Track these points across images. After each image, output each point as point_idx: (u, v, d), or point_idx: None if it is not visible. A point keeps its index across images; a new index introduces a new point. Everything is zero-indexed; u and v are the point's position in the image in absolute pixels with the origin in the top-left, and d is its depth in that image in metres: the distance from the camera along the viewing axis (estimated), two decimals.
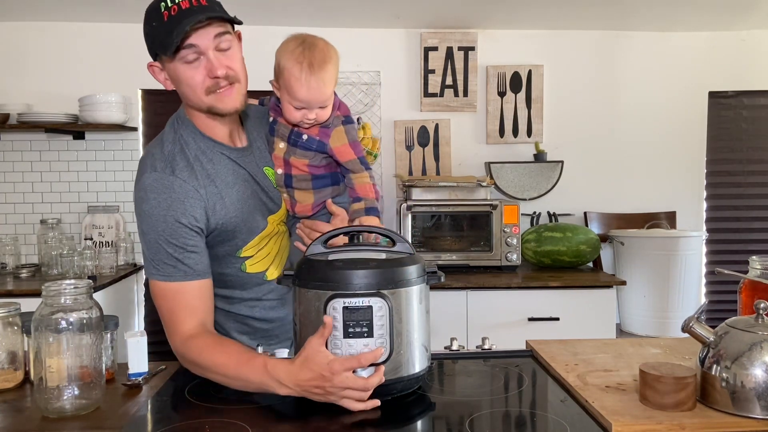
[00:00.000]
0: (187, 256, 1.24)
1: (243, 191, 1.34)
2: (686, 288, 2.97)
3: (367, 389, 1.05)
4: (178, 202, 1.23)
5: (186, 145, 1.30)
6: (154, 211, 1.23)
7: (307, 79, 1.29)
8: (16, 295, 2.54)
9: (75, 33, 3.27)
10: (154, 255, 1.24)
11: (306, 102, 1.31)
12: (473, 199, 2.98)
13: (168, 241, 1.23)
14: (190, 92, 1.26)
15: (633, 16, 3.23)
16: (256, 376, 1.12)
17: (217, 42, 1.23)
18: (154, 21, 1.20)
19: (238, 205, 1.32)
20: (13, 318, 1.23)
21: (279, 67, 1.34)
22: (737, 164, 3.56)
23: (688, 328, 1.06)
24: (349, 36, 3.36)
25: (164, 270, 1.24)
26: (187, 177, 1.26)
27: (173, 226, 1.23)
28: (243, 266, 1.38)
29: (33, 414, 1.09)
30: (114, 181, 3.28)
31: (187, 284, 1.25)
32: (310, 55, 1.30)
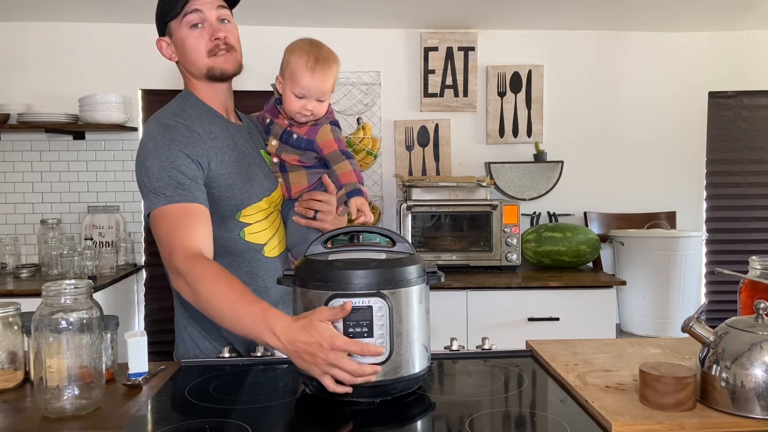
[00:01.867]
0: (189, 183, 1.30)
1: (241, 158, 1.43)
2: (686, 288, 2.97)
3: (357, 374, 1.04)
4: (182, 137, 1.33)
5: (191, 108, 1.42)
6: (158, 145, 1.31)
7: (312, 67, 1.41)
8: (16, 295, 2.54)
9: (75, 33, 3.27)
10: (155, 184, 1.29)
11: (307, 89, 1.42)
12: (473, 199, 2.98)
13: (171, 167, 1.29)
14: (193, 54, 1.39)
15: (633, 16, 3.23)
16: (251, 318, 1.12)
17: (219, 13, 1.40)
18: None
19: (237, 166, 1.40)
20: (13, 318, 1.23)
21: (286, 60, 1.45)
22: (737, 164, 3.56)
23: (688, 328, 1.06)
24: (349, 36, 3.37)
25: (166, 193, 1.28)
26: (190, 123, 1.36)
27: (176, 153, 1.30)
28: (242, 233, 1.42)
29: (33, 414, 1.09)
30: (114, 181, 3.29)
31: (187, 205, 1.28)
32: (317, 51, 1.43)
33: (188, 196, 1.29)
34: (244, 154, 1.45)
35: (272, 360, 1.34)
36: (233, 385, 1.22)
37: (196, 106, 1.43)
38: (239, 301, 1.15)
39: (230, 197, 1.39)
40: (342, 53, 1.53)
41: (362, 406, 1.08)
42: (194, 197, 1.30)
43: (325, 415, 1.06)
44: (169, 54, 1.44)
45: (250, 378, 1.26)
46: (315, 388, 1.11)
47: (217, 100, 1.46)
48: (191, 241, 1.25)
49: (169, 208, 1.28)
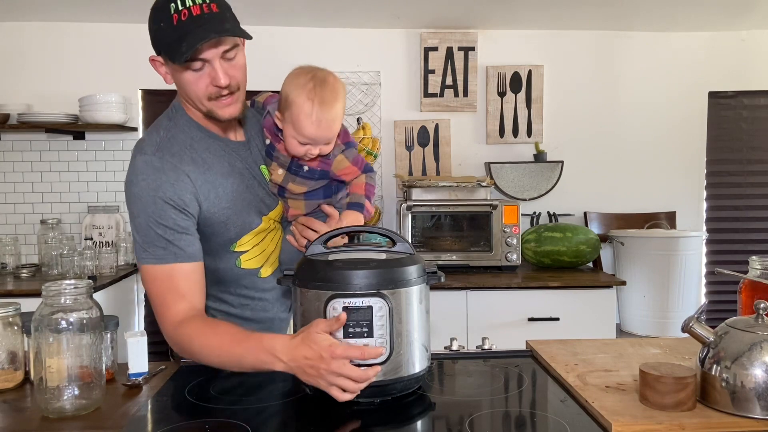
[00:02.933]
0: (178, 237, 1.23)
1: (238, 184, 1.33)
2: (686, 288, 2.97)
3: (361, 380, 1.03)
4: (168, 183, 1.23)
5: (181, 132, 1.30)
6: (143, 193, 1.23)
7: (318, 117, 1.26)
8: (16, 295, 2.54)
9: (75, 33, 3.27)
10: (144, 238, 1.23)
11: (313, 139, 1.29)
12: (473, 199, 2.98)
13: (158, 223, 1.22)
14: (191, 93, 1.26)
15: (633, 16, 3.23)
16: (251, 353, 1.11)
17: (224, 55, 1.22)
18: (162, 21, 1.19)
19: (232, 196, 1.31)
20: (13, 318, 1.23)
21: (287, 101, 1.28)
22: (737, 164, 3.56)
23: (688, 328, 1.06)
24: (349, 36, 3.36)
25: (154, 252, 1.23)
26: (177, 162, 1.25)
27: (162, 207, 1.22)
28: (238, 261, 1.37)
29: (33, 414, 1.09)
30: (114, 181, 3.29)
31: (177, 266, 1.23)
32: (321, 92, 1.27)
33: (177, 255, 1.23)
34: (243, 179, 1.34)
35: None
36: (233, 385, 1.22)
37: (188, 128, 1.31)
38: (233, 345, 1.15)
39: (224, 232, 1.32)
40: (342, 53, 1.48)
41: (362, 406, 1.08)
42: (183, 255, 1.24)
43: (325, 415, 1.06)
44: (163, 74, 1.28)
45: (250, 378, 1.26)
46: (315, 388, 1.11)
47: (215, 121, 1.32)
48: (177, 308, 1.23)
49: (157, 270, 1.23)
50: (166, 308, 1.24)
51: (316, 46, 3.34)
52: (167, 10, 1.17)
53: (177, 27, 1.17)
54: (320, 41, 3.34)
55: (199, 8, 1.18)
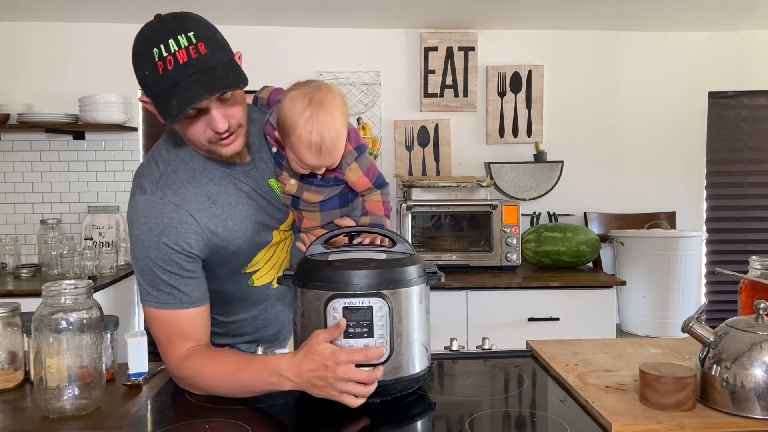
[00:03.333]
0: (183, 282, 1.18)
1: (247, 209, 1.26)
2: (686, 288, 2.97)
3: (370, 382, 1.03)
4: (171, 227, 1.16)
5: (181, 164, 1.22)
6: (146, 237, 1.16)
7: (317, 147, 1.16)
8: (16, 295, 2.54)
9: (75, 33, 3.27)
10: (148, 281, 1.18)
11: (316, 167, 1.21)
12: (473, 199, 2.98)
13: (162, 268, 1.16)
14: (192, 139, 1.18)
15: (633, 16, 3.23)
16: (257, 377, 1.10)
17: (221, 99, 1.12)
18: (146, 69, 1.08)
19: (243, 225, 1.25)
20: (13, 318, 1.23)
21: (285, 127, 1.18)
22: (737, 164, 3.56)
23: (688, 328, 1.06)
24: (349, 36, 3.36)
25: (159, 297, 1.18)
26: (180, 201, 1.18)
27: (167, 252, 1.16)
28: (250, 281, 1.33)
29: (33, 414, 1.09)
30: (114, 181, 3.29)
31: (182, 312, 1.19)
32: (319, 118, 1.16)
33: (183, 301, 1.18)
34: (251, 200, 1.27)
35: None
36: None
37: (188, 158, 1.22)
38: (237, 372, 1.12)
39: (235, 261, 1.28)
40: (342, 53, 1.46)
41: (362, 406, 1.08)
42: (188, 300, 1.19)
43: (325, 415, 1.06)
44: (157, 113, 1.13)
45: None
46: None
47: None
48: (181, 348, 1.19)
49: (161, 313, 1.19)
50: (171, 349, 1.20)
51: (316, 46, 3.34)
52: (150, 56, 1.06)
53: (163, 77, 1.05)
54: (320, 41, 3.34)
55: (185, 53, 1.04)
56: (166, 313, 1.18)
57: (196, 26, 1.07)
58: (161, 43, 1.06)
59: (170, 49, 1.05)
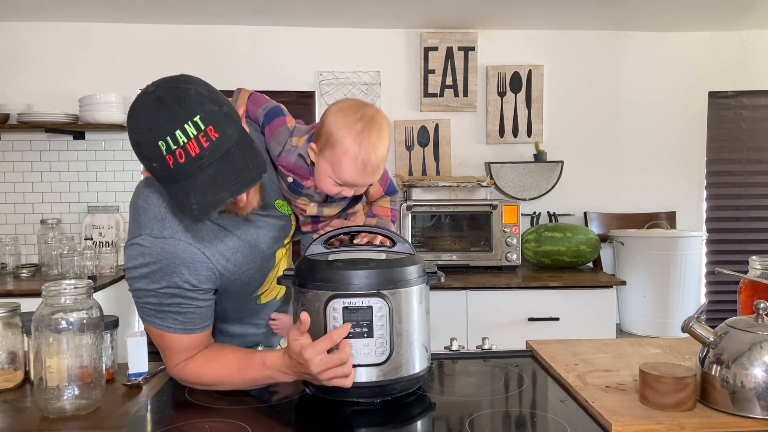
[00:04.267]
0: (190, 312, 1.15)
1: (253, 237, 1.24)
2: (686, 288, 2.97)
3: (343, 362, 1.03)
4: (183, 267, 1.12)
5: None
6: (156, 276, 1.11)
7: (363, 162, 1.15)
8: (16, 295, 2.53)
9: (75, 33, 3.27)
10: (153, 308, 1.14)
11: (353, 183, 1.19)
12: (473, 199, 2.98)
13: (170, 303, 1.13)
14: None
15: (633, 16, 3.23)
16: (259, 374, 1.14)
17: None
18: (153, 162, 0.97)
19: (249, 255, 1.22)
20: (13, 318, 1.23)
21: (331, 139, 1.16)
22: (737, 164, 3.56)
23: (688, 328, 1.06)
24: (349, 36, 3.36)
25: (163, 321, 1.15)
26: (190, 238, 1.13)
27: (177, 290, 1.12)
28: (258, 300, 1.34)
29: (33, 414, 1.09)
30: (114, 181, 3.29)
31: (183, 338, 1.17)
32: (369, 135, 1.15)
33: (187, 328, 1.16)
34: (256, 227, 1.24)
35: None
36: None
37: None
38: (240, 371, 1.15)
39: (246, 289, 1.27)
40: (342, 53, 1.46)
41: (362, 406, 1.08)
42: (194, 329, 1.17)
43: (325, 415, 1.06)
44: None
45: None
46: (315, 388, 1.11)
47: None
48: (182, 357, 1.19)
49: (163, 333, 1.16)
50: (171, 359, 1.20)
51: (316, 46, 3.34)
52: (156, 149, 0.94)
53: (175, 171, 0.96)
54: (320, 41, 3.34)
55: (195, 143, 0.94)
56: (168, 334, 1.16)
57: (200, 106, 0.95)
58: (167, 135, 0.94)
59: (179, 141, 0.94)
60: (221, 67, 3.21)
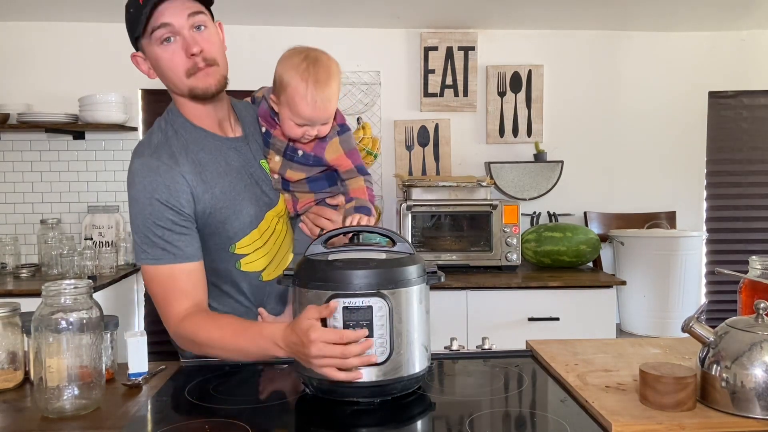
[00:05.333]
0: (176, 237, 1.25)
1: (235, 182, 1.32)
2: (686, 288, 2.97)
3: (345, 356, 1.03)
4: (163, 185, 1.24)
5: (175, 134, 1.31)
6: (140, 195, 1.24)
7: (312, 97, 1.27)
8: (16, 295, 2.54)
9: (75, 33, 3.27)
10: (143, 239, 1.25)
11: (310, 120, 1.29)
12: (473, 199, 2.98)
13: (155, 224, 1.24)
14: (171, 75, 1.26)
15: (633, 16, 3.23)
16: (253, 343, 1.15)
17: (192, 21, 1.23)
18: (131, 8, 1.23)
19: (230, 195, 1.31)
20: (13, 318, 1.23)
21: (281, 83, 1.29)
22: (737, 164, 3.56)
23: (688, 328, 1.06)
24: (349, 36, 3.36)
25: (153, 253, 1.24)
26: (173, 163, 1.26)
27: (159, 208, 1.23)
28: (238, 264, 1.36)
29: (33, 414, 1.09)
30: (114, 181, 3.29)
31: (177, 267, 1.25)
32: (315, 72, 1.27)
33: (176, 256, 1.24)
34: (240, 176, 1.34)
35: (272, 360, 1.34)
36: (233, 385, 1.22)
37: (182, 128, 1.32)
38: (235, 336, 1.18)
39: (222, 232, 1.32)
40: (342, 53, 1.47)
41: (362, 406, 1.08)
42: (182, 255, 1.25)
43: (325, 415, 1.06)
44: (146, 70, 1.31)
45: (250, 378, 1.26)
46: (315, 388, 1.11)
47: (205, 116, 1.33)
48: (180, 306, 1.25)
49: (157, 270, 1.25)
50: (169, 307, 1.26)
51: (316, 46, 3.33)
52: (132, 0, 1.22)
53: (143, 5, 1.20)
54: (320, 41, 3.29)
55: None
56: (162, 269, 1.24)
57: None
58: None
59: None
60: None
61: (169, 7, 1.20)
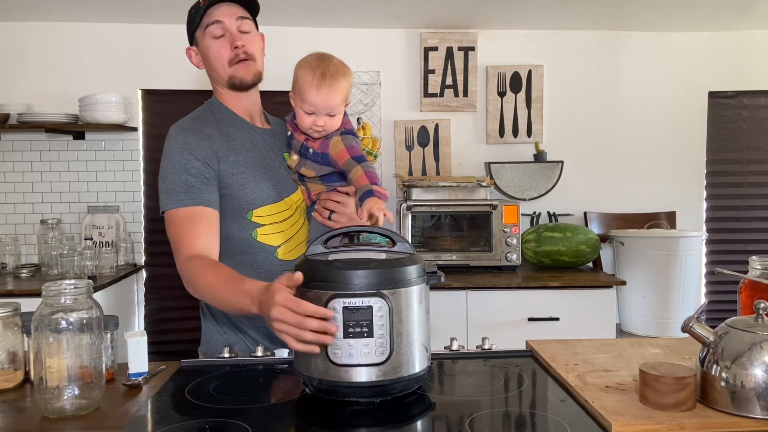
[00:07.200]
0: (198, 184, 1.38)
1: (258, 159, 1.47)
2: (686, 288, 2.97)
3: (301, 327, 1.03)
4: (193, 140, 1.41)
5: (211, 113, 1.50)
6: (172, 148, 1.41)
7: (318, 84, 1.41)
8: (16, 295, 2.54)
9: (75, 33, 3.27)
10: (169, 186, 1.39)
11: (315, 106, 1.42)
12: (473, 199, 2.98)
13: (181, 170, 1.38)
14: (216, 63, 1.47)
15: (633, 16, 3.23)
16: (235, 296, 1.22)
17: (239, 23, 1.46)
18: (192, 9, 1.49)
19: (252, 166, 1.45)
20: (13, 318, 1.23)
21: (295, 78, 1.45)
22: (737, 164, 3.56)
23: (688, 328, 1.06)
24: (349, 36, 3.37)
25: (176, 197, 1.38)
26: (204, 127, 1.45)
27: (187, 156, 1.39)
28: (254, 233, 1.45)
29: (33, 414, 1.09)
30: (114, 181, 3.29)
31: (195, 209, 1.37)
32: (323, 65, 1.43)
33: (195, 199, 1.38)
34: (264, 157, 1.49)
35: (272, 360, 1.34)
36: (233, 385, 1.22)
37: (219, 110, 1.51)
38: (224, 286, 1.26)
39: (241, 196, 1.43)
40: (342, 53, 1.53)
41: (362, 406, 1.08)
42: (201, 200, 1.38)
43: (325, 415, 1.06)
44: (197, 62, 1.53)
45: (250, 378, 1.26)
46: (315, 388, 1.11)
47: (240, 106, 1.53)
48: (192, 245, 1.36)
49: (178, 212, 1.38)
50: (183, 244, 1.36)
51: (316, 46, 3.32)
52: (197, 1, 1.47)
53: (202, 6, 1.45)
54: (320, 41, 3.34)
55: None
56: (182, 210, 1.38)
57: None
58: None
59: None
60: None
61: (222, 8, 1.45)
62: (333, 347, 1.07)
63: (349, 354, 1.06)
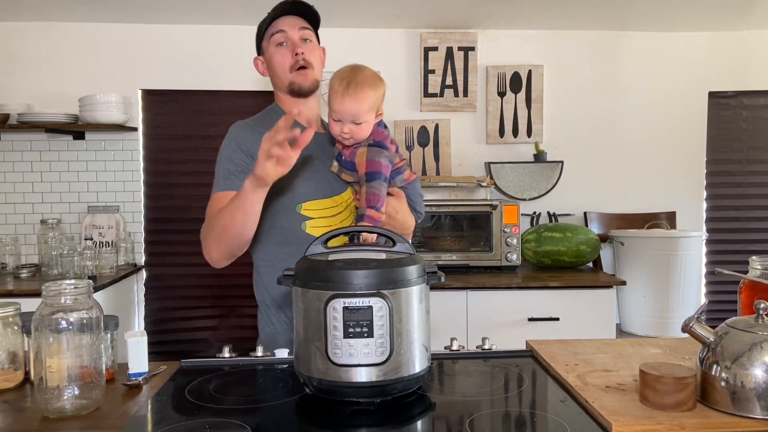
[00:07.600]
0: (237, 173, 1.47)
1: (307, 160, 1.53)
2: (686, 288, 2.97)
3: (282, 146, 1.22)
4: (244, 135, 1.52)
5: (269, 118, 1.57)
6: (225, 141, 1.54)
7: (342, 92, 1.46)
8: (16, 295, 2.54)
9: (75, 33, 3.27)
10: (220, 173, 1.51)
11: (339, 113, 1.46)
12: (473, 199, 2.98)
13: (228, 160, 1.50)
14: (278, 70, 1.57)
15: (633, 16, 3.23)
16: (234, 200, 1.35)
17: (301, 33, 1.57)
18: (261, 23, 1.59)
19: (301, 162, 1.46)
20: (13, 318, 1.23)
21: (328, 87, 1.51)
22: (737, 164, 3.56)
23: (688, 328, 1.06)
24: (349, 36, 3.37)
25: (224, 183, 1.48)
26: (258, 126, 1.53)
27: (235, 150, 1.51)
28: (304, 225, 1.51)
29: (33, 414, 1.09)
30: (114, 181, 3.29)
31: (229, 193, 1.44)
32: (351, 75, 1.48)
33: (234, 184, 1.45)
34: (314, 157, 1.55)
35: (272, 360, 1.34)
36: (233, 385, 1.22)
37: (277, 114, 1.58)
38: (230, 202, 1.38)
39: (289, 188, 1.50)
40: (342, 53, 1.56)
41: (362, 406, 1.08)
42: (236, 186, 1.43)
43: (325, 415, 1.06)
44: (262, 70, 1.64)
45: (250, 378, 1.26)
46: (315, 388, 1.11)
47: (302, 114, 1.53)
48: None
49: (217, 195, 1.49)
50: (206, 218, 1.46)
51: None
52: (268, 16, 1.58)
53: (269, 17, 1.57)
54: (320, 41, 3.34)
55: None
56: (219, 194, 1.48)
57: None
58: None
59: None
60: (221, 67, 3.21)
61: (286, 19, 1.57)
62: (334, 347, 1.07)
63: (349, 354, 1.06)
